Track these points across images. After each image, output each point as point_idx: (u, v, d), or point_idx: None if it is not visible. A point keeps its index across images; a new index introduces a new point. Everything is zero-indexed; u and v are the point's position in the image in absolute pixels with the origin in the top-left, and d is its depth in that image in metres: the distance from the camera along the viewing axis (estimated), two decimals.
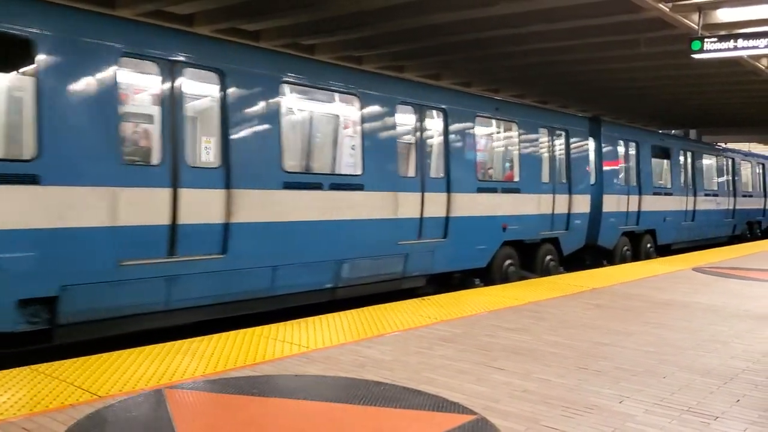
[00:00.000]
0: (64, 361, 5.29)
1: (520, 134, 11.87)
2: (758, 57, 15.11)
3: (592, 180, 13.91)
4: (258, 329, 6.56)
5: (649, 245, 16.32)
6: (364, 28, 13.49)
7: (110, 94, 6.44)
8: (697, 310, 8.17)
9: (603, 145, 14.32)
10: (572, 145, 13.08)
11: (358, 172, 9.03)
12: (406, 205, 9.48)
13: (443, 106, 10.36)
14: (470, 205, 10.56)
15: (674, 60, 15.39)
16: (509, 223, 11.17)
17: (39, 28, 5.98)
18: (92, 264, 6.33)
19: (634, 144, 15.69)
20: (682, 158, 18.58)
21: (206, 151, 7.86)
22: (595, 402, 4.62)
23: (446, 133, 10.33)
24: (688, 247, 18.18)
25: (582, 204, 13.20)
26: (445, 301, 8.41)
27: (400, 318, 7.25)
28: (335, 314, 7.39)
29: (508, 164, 12.80)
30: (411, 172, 10.07)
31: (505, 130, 12.51)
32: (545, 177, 12.39)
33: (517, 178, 11.87)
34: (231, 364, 5.32)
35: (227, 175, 7.35)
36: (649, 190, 15.99)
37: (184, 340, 6.07)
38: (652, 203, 16.07)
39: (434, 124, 10.48)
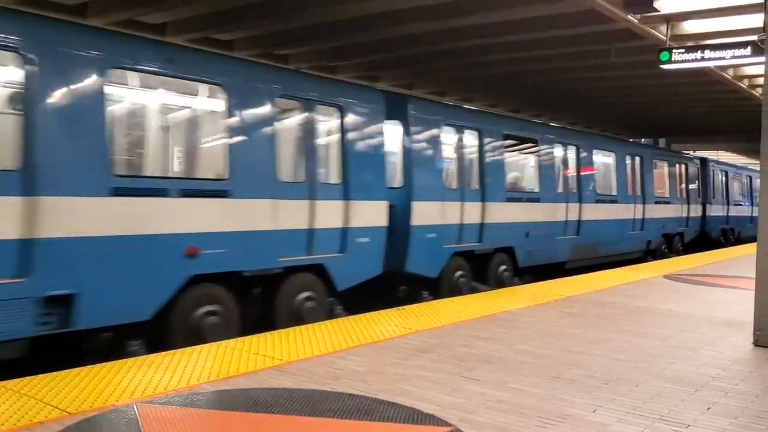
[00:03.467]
0: (34, 376, 5.19)
1: None
2: (724, 68, 15.42)
3: None
4: (231, 342, 6.50)
5: None
6: (337, 38, 13.52)
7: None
8: (668, 317, 8.27)
9: None
10: None
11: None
12: None
13: None
14: None
15: (644, 70, 15.66)
16: None
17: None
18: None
19: None
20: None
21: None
22: (569, 411, 4.65)
23: None
24: None
25: None
26: (421, 311, 8.42)
27: (375, 329, 7.24)
28: (310, 325, 7.36)
29: None
30: None
31: None
32: None
33: None
34: (204, 378, 5.27)
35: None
36: None
37: (156, 354, 6.00)
38: None
39: None
